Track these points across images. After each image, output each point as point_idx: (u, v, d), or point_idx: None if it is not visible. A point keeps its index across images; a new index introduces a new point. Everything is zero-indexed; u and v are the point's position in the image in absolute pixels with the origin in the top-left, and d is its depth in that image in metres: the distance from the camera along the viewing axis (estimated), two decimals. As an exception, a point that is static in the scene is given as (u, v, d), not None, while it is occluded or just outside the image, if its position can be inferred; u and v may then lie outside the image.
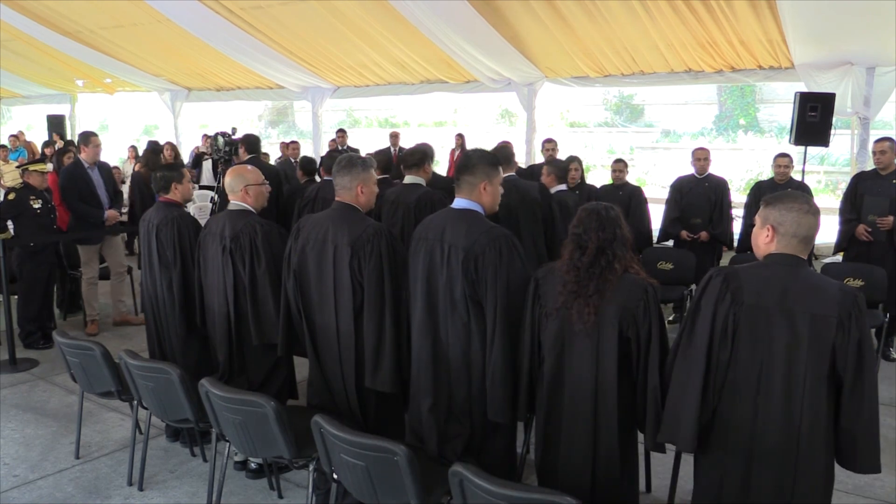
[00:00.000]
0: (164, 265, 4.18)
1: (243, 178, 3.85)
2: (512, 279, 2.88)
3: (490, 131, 22.72)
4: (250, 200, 3.85)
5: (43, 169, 6.31)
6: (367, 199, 3.41)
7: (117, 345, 4.98)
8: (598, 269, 2.70)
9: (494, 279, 2.87)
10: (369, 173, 3.40)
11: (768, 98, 19.79)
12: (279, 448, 3.08)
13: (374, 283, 3.22)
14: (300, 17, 10.46)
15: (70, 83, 16.65)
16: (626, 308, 2.66)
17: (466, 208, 3.04)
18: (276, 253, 3.68)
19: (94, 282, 6.53)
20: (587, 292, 2.69)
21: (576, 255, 2.75)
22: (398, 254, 3.28)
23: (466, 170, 3.04)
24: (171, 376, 3.45)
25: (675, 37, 8.91)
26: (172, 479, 3.93)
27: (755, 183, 7.06)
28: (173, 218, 4.21)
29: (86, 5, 11.38)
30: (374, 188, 3.45)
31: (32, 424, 4.65)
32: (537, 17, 9.12)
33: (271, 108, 26.37)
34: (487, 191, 3.04)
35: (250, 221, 3.75)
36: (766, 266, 2.46)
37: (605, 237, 2.72)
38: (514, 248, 2.93)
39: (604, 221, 2.75)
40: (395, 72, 12.18)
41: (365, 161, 3.44)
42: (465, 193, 3.05)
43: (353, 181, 3.35)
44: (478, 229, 2.94)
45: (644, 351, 2.66)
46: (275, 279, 3.67)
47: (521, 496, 2.24)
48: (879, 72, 8.36)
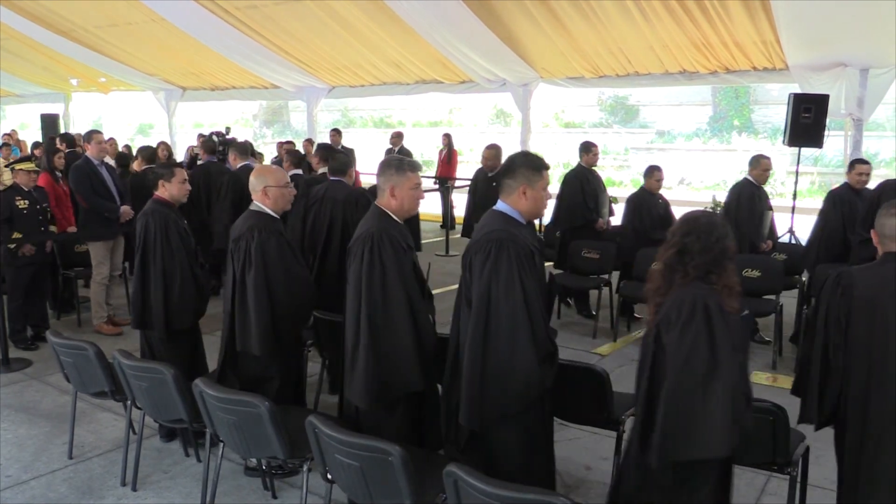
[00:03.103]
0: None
1: (263, 179, 3.80)
2: (493, 285, 2.75)
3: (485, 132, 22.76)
4: (269, 202, 3.78)
5: (30, 168, 6.17)
6: (400, 202, 3.21)
7: (111, 345, 4.97)
8: (669, 272, 2.62)
9: (478, 281, 2.78)
10: (404, 176, 3.20)
11: (762, 99, 19.87)
12: (273, 448, 3.08)
13: (351, 286, 3.17)
14: (295, 16, 10.46)
15: (64, 82, 16.60)
16: (665, 315, 2.56)
17: (501, 211, 2.92)
18: (269, 262, 3.61)
19: (104, 282, 6.49)
20: (660, 294, 2.63)
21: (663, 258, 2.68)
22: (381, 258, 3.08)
23: (507, 172, 2.92)
24: (164, 376, 3.44)
25: (669, 38, 8.93)
26: (166, 480, 3.92)
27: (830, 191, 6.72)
28: (146, 212, 4.27)
29: (80, 4, 11.35)
30: (410, 192, 3.23)
31: (25, 424, 4.63)
32: (532, 17, 9.13)
33: (266, 108, 26.36)
34: (527, 195, 2.87)
35: (253, 225, 3.68)
36: (880, 264, 2.81)
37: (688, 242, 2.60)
38: (506, 254, 2.76)
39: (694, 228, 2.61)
40: (391, 72, 12.18)
41: (402, 162, 3.27)
42: (505, 196, 2.92)
43: (386, 182, 3.22)
44: (487, 228, 2.87)
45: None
46: (261, 288, 3.58)
47: (514, 496, 2.24)
48: (873, 73, 8.39)
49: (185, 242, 4.25)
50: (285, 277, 3.65)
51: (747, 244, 6.20)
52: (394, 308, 3.06)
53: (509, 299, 2.72)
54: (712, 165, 18.50)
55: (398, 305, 3.06)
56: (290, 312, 3.70)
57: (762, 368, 5.57)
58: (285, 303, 3.65)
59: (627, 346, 6.17)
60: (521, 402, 2.78)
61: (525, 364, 2.73)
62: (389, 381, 3.09)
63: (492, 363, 2.75)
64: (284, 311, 3.66)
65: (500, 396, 2.76)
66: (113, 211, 6.37)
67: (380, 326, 3.06)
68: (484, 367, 2.75)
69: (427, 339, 3.16)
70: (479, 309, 2.76)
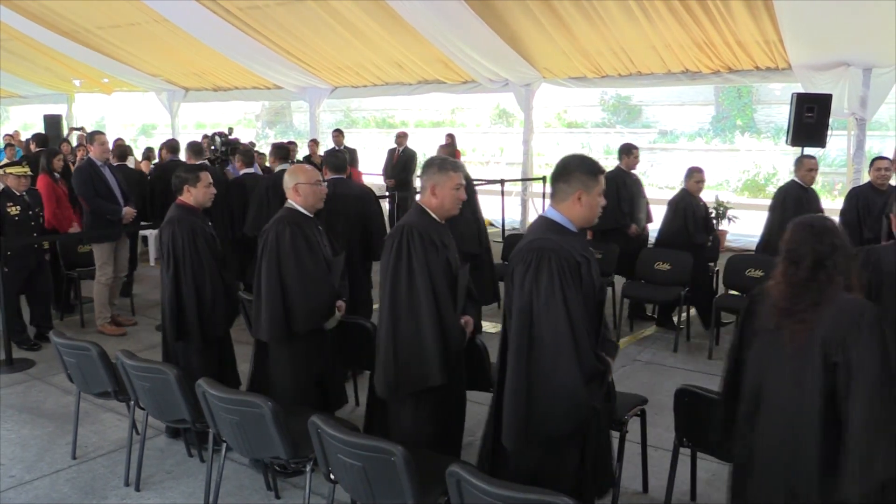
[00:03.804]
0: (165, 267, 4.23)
1: (295, 177, 3.85)
2: (534, 299, 2.59)
3: (488, 132, 22.77)
4: (300, 200, 3.83)
5: (20, 172, 5.97)
6: (440, 202, 3.23)
7: (114, 345, 4.97)
8: (815, 283, 2.43)
9: (518, 294, 2.65)
10: (446, 175, 3.21)
11: (765, 99, 19.83)
12: (276, 448, 3.08)
13: (381, 278, 3.23)
14: (297, 17, 10.46)
15: (67, 83, 16.62)
16: (835, 330, 2.35)
17: (550, 218, 2.77)
18: (283, 253, 3.67)
19: (108, 283, 6.49)
20: (800, 309, 2.43)
21: (789, 271, 2.48)
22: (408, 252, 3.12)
23: (562, 177, 2.74)
24: (167, 376, 3.45)
25: (672, 38, 8.93)
26: (169, 480, 3.92)
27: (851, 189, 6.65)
28: (171, 219, 4.22)
29: (83, 5, 11.36)
30: (451, 191, 3.23)
31: (29, 425, 4.64)
32: (535, 17, 9.13)
33: (268, 109, 26.37)
34: (582, 202, 2.71)
35: (278, 218, 3.79)
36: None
37: (822, 249, 2.45)
38: (547, 265, 2.59)
39: (818, 233, 2.49)
40: (393, 72, 12.18)
41: (444, 162, 3.26)
42: (557, 202, 2.75)
43: (428, 181, 3.24)
44: (531, 236, 2.76)
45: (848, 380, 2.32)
46: (272, 277, 3.67)
47: (517, 496, 2.24)
48: (876, 73, 8.38)
49: (212, 248, 4.23)
50: (297, 271, 3.67)
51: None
52: (417, 302, 3.08)
53: (551, 314, 2.56)
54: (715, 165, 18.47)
55: (422, 300, 3.08)
56: (302, 306, 3.70)
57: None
58: (296, 296, 3.68)
59: (629, 346, 6.17)
60: (569, 423, 2.61)
61: (569, 383, 2.56)
62: (408, 374, 3.12)
63: (534, 382, 2.59)
64: (296, 303, 3.68)
65: (543, 417, 2.60)
66: (115, 213, 6.38)
67: (402, 319, 3.10)
68: (525, 386, 2.60)
69: (453, 337, 3.15)
70: (519, 324, 2.63)
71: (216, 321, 4.20)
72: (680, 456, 3.39)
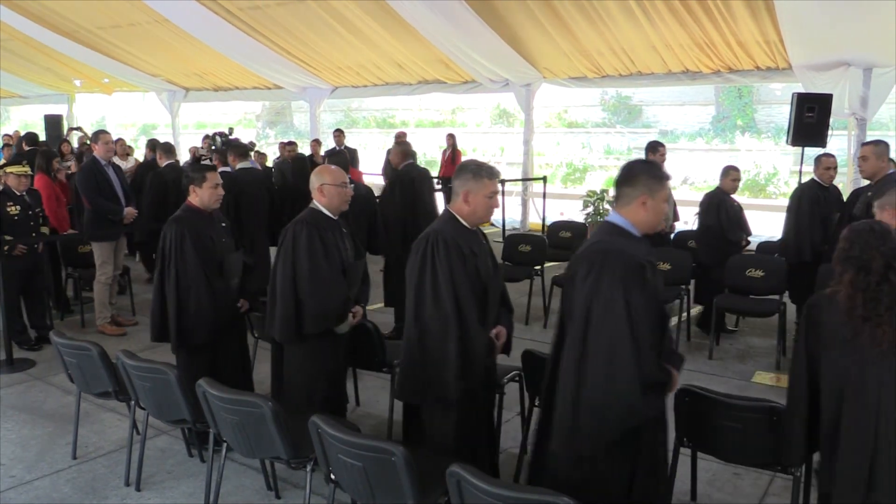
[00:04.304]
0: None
1: (320, 177, 3.79)
2: (594, 304, 2.51)
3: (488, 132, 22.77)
4: (324, 200, 3.77)
5: (20, 171, 5.94)
6: (472, 209, 3.13)
7: (115, 345, 4.98)
8: (888, 286, 2.45)
9: (577, 297, 2.57)
10: (480, 182, 3.11)
11: (765, 99, 19.82)
12: (277, 449, 3.08)
13: (407, 284, 3.17)
14: (298, 17, 10.48)
15: (68, 83, 16.64)
16: None
17: (613, 222, 2.70)
18: (298, 254, 3.62)
19: (108, 282, 6.49)
20: (878, 312, 2.44)
21: (859, 278, 2.48)
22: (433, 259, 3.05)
23: (627, 181, 2.69)
24: (168, 376, 3.45)
25: (672, 38, 8.93)
26: (170, 480, 3.92)
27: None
28: (170, 220, 4.14)
29: (84, 5, 11.38)
30: (485, 199, 3.13)
31: (29, 425, 4.64)
32: (535, 17, 9.13)
33: (269, 109, 26.37)
34: (647, 206, 2.65)
35: (298, 219, 3.73)
36: None
37: (889, 251, 2.47)
38: (611, 269, 2.52)
39: (881, 236, 2.51)
40: (393, 72, 12.19)
41: (480, 168, 3.14)
42: (620, 206, 2.70)
43: (461, 187, 3.13)
44: (593, 240, 2.70)
45: None
46: (286, 277, 3.64)
47: (517, 496, 2.24)
48: (876, 73, 8.38)
49: (205, 252, 4.05)
50: (310, 273, 3.62)
51: (809, 250, 5.92)
52: (442, 312, 3.03)
53: (610, 319, 2.48)
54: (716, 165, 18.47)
55: (446, 310, 3.02)
56: (313, 309, 3.64)
57: (766, 368, 5.57)
58: (308, 298, 3.63)
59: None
60: (620, 429, 2.54)
61: (625, 391, 2.47)
62: (427, 383, 3.09)
63: (588, 388, 2.51)
64: (307, 305, 3.63)
65: (596, 425, 2.52)
66: (116, 213, 6.38)
67: (424, 327, 3.06)
68: (579, 392, 2.52)
69: (475, 348, 3.08)
70: (577, 328, 2.56)
71: (198, 329, 4.02)
72: (680, 456, 3.38)
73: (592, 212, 10.65)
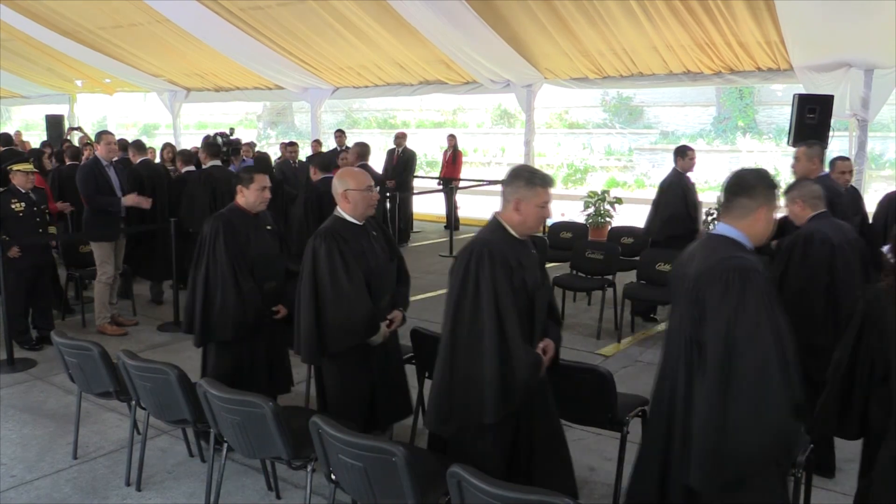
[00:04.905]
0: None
1: (344, 182, 3.62)
2: (738, 324, 2.33)
3: (489, 132, 22.78)
4: (349, 207, 3.61)
5: (27, 169, 6.01)
6: (523, 219, 2.92)
7: (116, 345, 4.98)
8: None
9: (714, 319, 2.38)
10: (533, 190, 2.89)
11: (766, 100, 19.81)
12: (277, 449, 3.08)
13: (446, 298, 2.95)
14: (299, 17, 10.48)
15: (69, 83, 16.66)
16: None
17: (727, 236, 2.54)
18: (318, 267, 3.50)
19: (108, 282, 6.49)
20: None
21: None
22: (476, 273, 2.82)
23: (745, 191, 2.52)
24: (168, 377, 3.45)
25: (673, 38, 8.94)
26: (170, 480, 3.92)
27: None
28: (210, 217, 4.18)
29: (85, 5, 11.40)
30: (537, 209, 2.92)
31: (30, 425, 4.64)
32: (536, 18, 9.14)
33: (270, 109, 26.38)
34: (765, 218, 2.52)
35: (319, 231, 3.60)
36: None
37: None
38: (751, 285, 2.37)
39: None
40: (394, 73, 12.20)
41: (533, 175, 2.94)
42: (735, 218, 2.53)
43: (512, 194, 2.92)
44: (717, 256, 2.48)
45: None
46: (306, 292, 3.53)
47: (518, 496, 2.24)
48: (878, 74, 8.38)
49: (237, 251, 4.03)
50: (332, 291, 3.49)
51: None
52: (479, 328, 2.79)
53: (757, 342, 2.32)
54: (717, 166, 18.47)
55: (485, 325, 2.78)
56: (336, 326, 3.51)
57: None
58: (330, 316, 3.50)
59: (631, 347, 6.17)
60: (769, 460, 2.41)
61: (778, 418, 2.32)
62: (461, 407, 2.84)
63: (738, 415, 2.32)
64: (330, 323, 3.51)
65: (748, 451, 2.34)
66: (113, 204, 6.39)
67: (461, 344, 2.83)
68: (725, 420, 2.33)
69: (520, 367, 2.81)
70: (718, 354, 2.35)
71: (223, 325, 4.02)
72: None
73: (593, 212, 10.70)
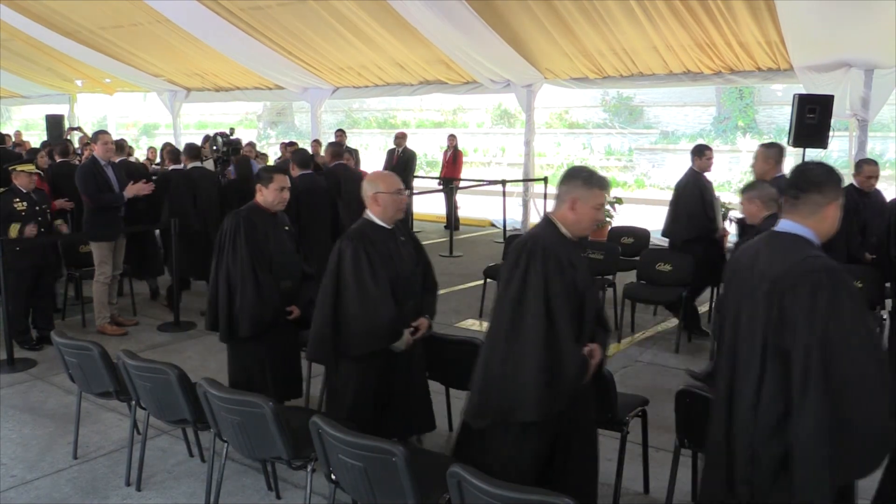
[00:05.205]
0: None
1: (374, 185, 3.56)
2: (834, 327, 2.23)
3: (489, 132, 22.78)
4: (378, 210, 3.55)
5: (30, 169, 6.04)
6: (577, 219, 2.86)
7: (116, 345, 4.98)
8: None
9: (806, 324, 2.26)
10: (591, 191, 2.85)
11: (766, 100, 19.82)
12: (277, 449, 3.08)
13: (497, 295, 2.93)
14: (299, 17, 10.48)
15: (69, 83, 16.65)
16: None
17: (790, 231, 2.45)
18: (343, 270, 3.45)
19: (107, 282, 6.49)
20: None
21: None
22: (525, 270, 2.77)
23: (815, 186, 2.42)
24: (168, 376, 3.45)
25: (673, 38, 8.93)
26: (170, 480, 3.92)
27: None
28: (230, 213, 4.21)
29: (85, 5, 11.39)
30: (592, 210, 2.88)
31: (30, 424, 4.64)
32: (536, 18, 9.13)
33: (270, 109, 26.38)
34: (832, 214, 2.44)
35: (347, 233, 3.57)
36: None
37: None
38: (842, 286, 2.28)
39: None
40: (395, 73, 12.19)
41: (592, 176, 2.89)
42: (804, 215, 2.43)
43: (568, 193, 2.87)
44: (795, 256, 2.37)
45: None
46: (326, 294, 3.49)
47: (518, 497, 2.24)
48: (878, 74, 8.37)
49: (257, 247, 4.07)
50: (357, 293, 3.43)
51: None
52: (522, 324, 2.73)
53: (856, 345, 2.24)
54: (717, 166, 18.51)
55: (528, 322, 2.72)
56: (361, 328, 3.45)
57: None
58: (353, 319, 3.45)
59: (631, 347, 6.16)
60: (876, 465, 2.35)
61: (882, 422, 2.25)
62: (500, 402, 2.78)
63: (843, 425, 2.24)
64: (352, 326, 3.46)
65: (855, 457, 2.28)
66: (116, 200, 6.41)
67: (507, 340, 2.77)
68: (833, 431, 2.24)
69: (568, 368, 2.74)
70: (816, 360, 2.23)
71: (243, 321, 4.05)
72: (681, 457, 3.38)
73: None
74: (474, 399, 2.92)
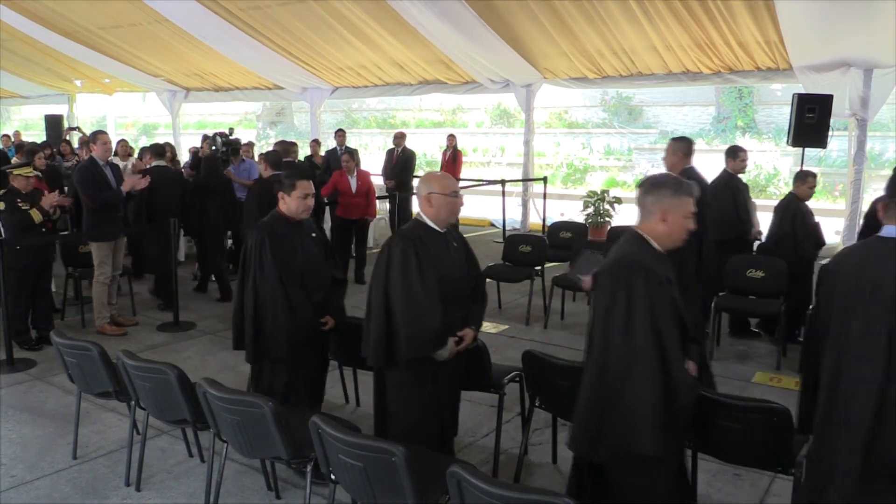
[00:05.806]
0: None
1: (428, 185, 3.41)
2: None
3: (489, 132, 22.77)
4: (431, 212, 3.40)
5: (28, 173, 6.08)
6: (669, 230, 2.72)
7: (115, 345, 4.98)
8: None
9: None
10: (680, 200, 2.71)
11: (766, 99, 19.81)
12: (277, 449, 3.08)
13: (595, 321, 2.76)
14: (299, 17, 10.48)
15: (69, 83, 16.66)
16: None
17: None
18: (392, 270, 3.30)
19: (107, 282, 6.49)
20: None
21: None
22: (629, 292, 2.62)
23: None
24: (168, 377, 3.45)
25: (673, 38, 8.94)
26: (170, 480, 3.92)
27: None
28: (254, 226, 4.02)
29: (84, 5, 11.39)
30: (683, 220, 2.73)
31: (30, 425, 4.64)
32: (536, 18, 9.14)
33: (270, 109, 26.37)
34: None
35: (397, 233, 3.49)
36: None
37: None
38: None
39: None
40: (394, 72, 12.20)
41: (680, 185, 2.76)
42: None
43: (656, 204, 2.72)
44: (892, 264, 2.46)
45: None
46: (377, 295, 3.33)
47: (518, 496, 2.24)
48: (877, 73, 8.39)
49: (285, 261, 3.86)
50: (403, 294, 3.27)
51: None
52: (632, 350, 2.58)
53: None
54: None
55: (639, 348, 2.57)
56: (408, 331, 3.28)
57: (766, 369, 5.57)
58: (402, 319, 3.28)
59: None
60: None
61: None
62: (614, 432, 2.63)
63: None
64: (400, 328, 3.29)
65: None
66: (116, 197, 6.41)
67: (613, 366, 2.62)
68: None
69: (682, 393, 2.61)
70: None
71: (274, 343, 3.85)
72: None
73: (593, 212, 10.70)
74: (584, 429, 2.75)
